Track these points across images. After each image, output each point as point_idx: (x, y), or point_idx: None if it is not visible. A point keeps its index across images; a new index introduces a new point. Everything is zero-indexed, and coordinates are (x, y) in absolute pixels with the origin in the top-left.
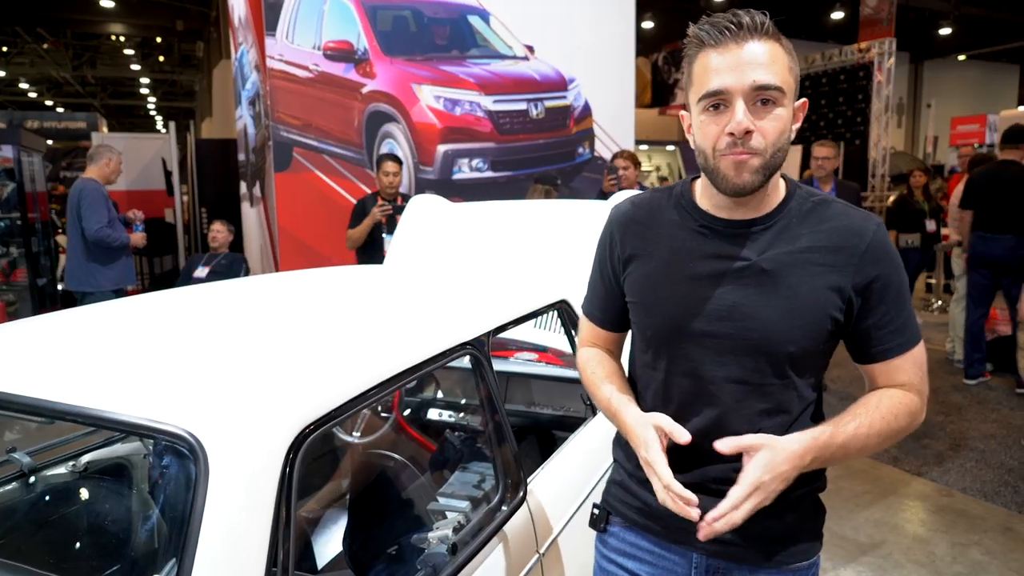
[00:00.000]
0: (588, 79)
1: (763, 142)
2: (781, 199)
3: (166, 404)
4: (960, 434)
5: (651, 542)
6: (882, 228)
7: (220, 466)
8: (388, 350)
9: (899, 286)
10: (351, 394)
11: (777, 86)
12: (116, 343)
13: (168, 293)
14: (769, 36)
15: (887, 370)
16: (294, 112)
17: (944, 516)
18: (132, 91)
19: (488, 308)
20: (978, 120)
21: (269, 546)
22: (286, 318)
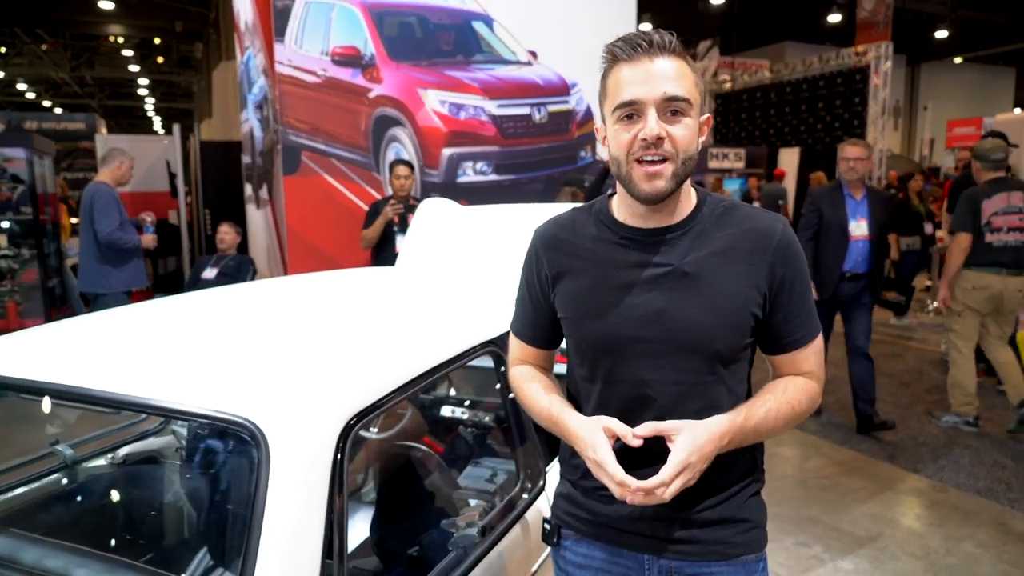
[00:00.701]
0: (590, 83)
1: (673, 148)
2: (694, 206)
3: (229, 395)
4: (954, 432)
5: (603, 550)
6: (788, 228)
7: (280, 452)
8: (422, 346)
9: (803, 282)
10: (393, 386)
11: (685, 97)
12: (170, 339)
13: (207, 293)
14: (676, 54)
15: (793, 360)
16: (303, 116)
17: (939, 511)
18: (130, 92)
19: (506, 308)
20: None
21: (325, 525)
22: (324, 316)
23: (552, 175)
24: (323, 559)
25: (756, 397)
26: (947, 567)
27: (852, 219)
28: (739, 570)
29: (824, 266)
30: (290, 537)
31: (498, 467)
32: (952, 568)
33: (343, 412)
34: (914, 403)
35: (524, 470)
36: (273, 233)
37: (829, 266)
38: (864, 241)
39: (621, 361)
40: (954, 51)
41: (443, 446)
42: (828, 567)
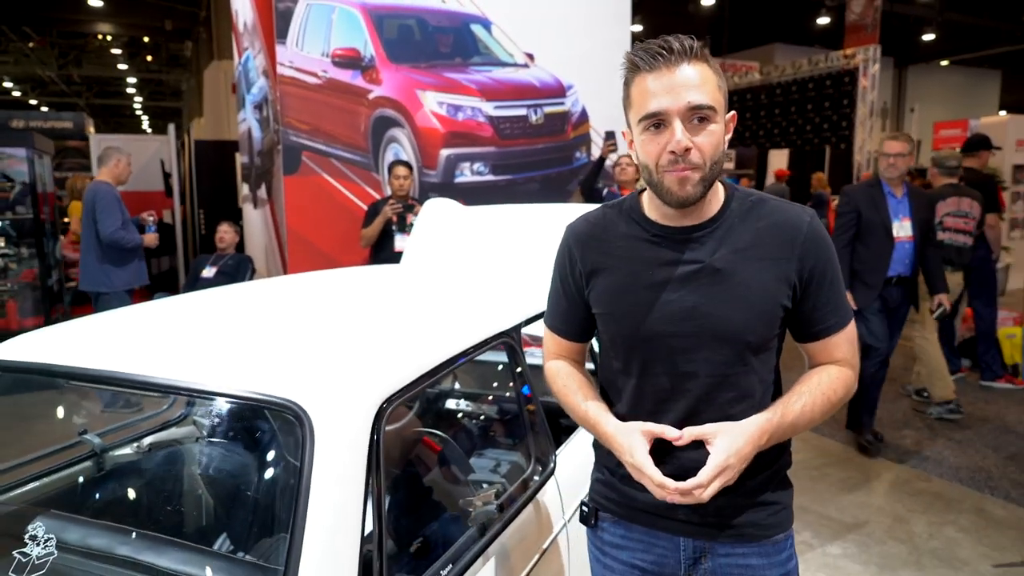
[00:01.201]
0: (585, 85)
1: (701, 157)
2: (722, 203)
3: (274, 379)
4: (938, 425)
5: (640, 532)
6: (815, 219)
7: (323, 431)
8: (443, 336)
9: (833, 271)
10: (422, 371)
11: (709, 105)
12: (210, 329)
13: (236, 288)
14: (698, 59)
15: (826, 347)
16: (303, 117)
17: (922, 498)
18: (118, 91)
19: (517, 303)
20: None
21: (364, 499)
22: (349, 308)
23: (548, 175)
24: (362, 531)
25: (791, 391)
26: (930, 550)
27: (895, 219)
28: (768, 549)
29: (865, 272)
30: (334, 510)
31: (511, 453)
32: (935, 551)
33: (378, 395)
34: (900, 398)
35: (535, 455)
36: (272, 232)
37: (872, 271)
38: (909, 243)
39: (656, 355)
40: (941, 54)
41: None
42: (817, 552)
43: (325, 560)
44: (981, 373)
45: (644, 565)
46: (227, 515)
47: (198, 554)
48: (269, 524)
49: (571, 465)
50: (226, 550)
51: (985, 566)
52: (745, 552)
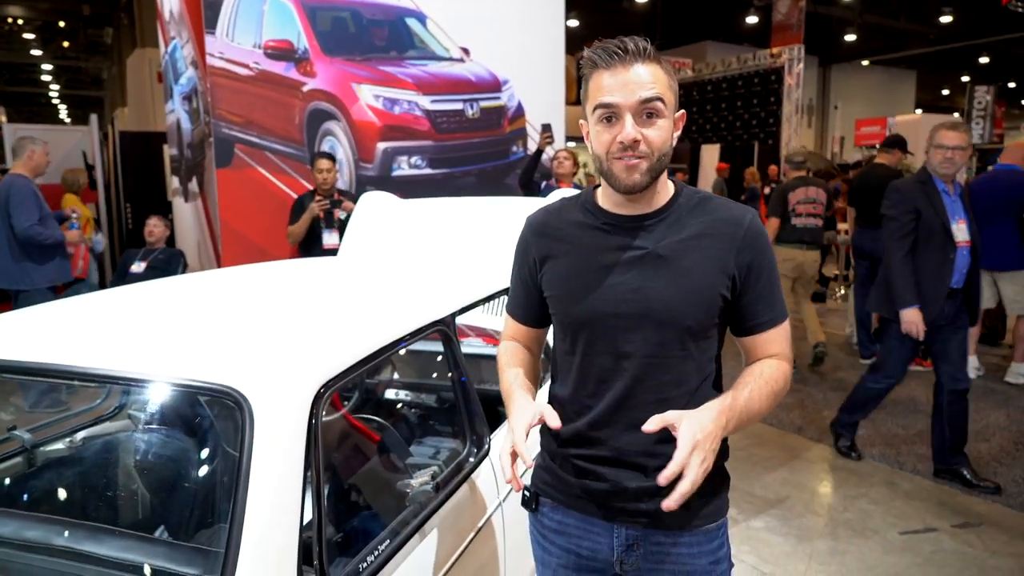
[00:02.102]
0: (521, 80)
1: (649, 148)
2: (670, 196)
3: (214, 366)
4: None
5: (577, 519)
6: (756, 218)
7: (263, 416)
8: (380, 324)
9: (770, 268)
10: (358, 357)
11: (659, 98)
12: (149, 319)
13: (176, 280)
14: (651, 60)
15: (762, 342)
16: (235, 109)
17: (838, 474)
18: (32, 78)
19: (452, 293)
20: (879, 122)
21: (303, 482)
22: (286, 298)
23: (484, 169)
24: (301, 514)
25: (735, 384)
26: (844, 521)
27: (952, 221)
28: (700, 538)
29: (928, 283)
30: (274, 493)
31: (447, 439)
32: (848, 522)
33: (316, 380)
34: (820, 382)
35: (471, 438)
36: (204, 226)
37: (934, 282)
38: (967, 248)
39: (599, 335)
40: (861, 54)
41: (397, 422)
42: (741, 526)
43: (265, 543)
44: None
45: (580, 551)
46: (167, 503)
47: (138, 541)
48: (210, 510)
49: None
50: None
51: (893, 534)
52: (676, 541)
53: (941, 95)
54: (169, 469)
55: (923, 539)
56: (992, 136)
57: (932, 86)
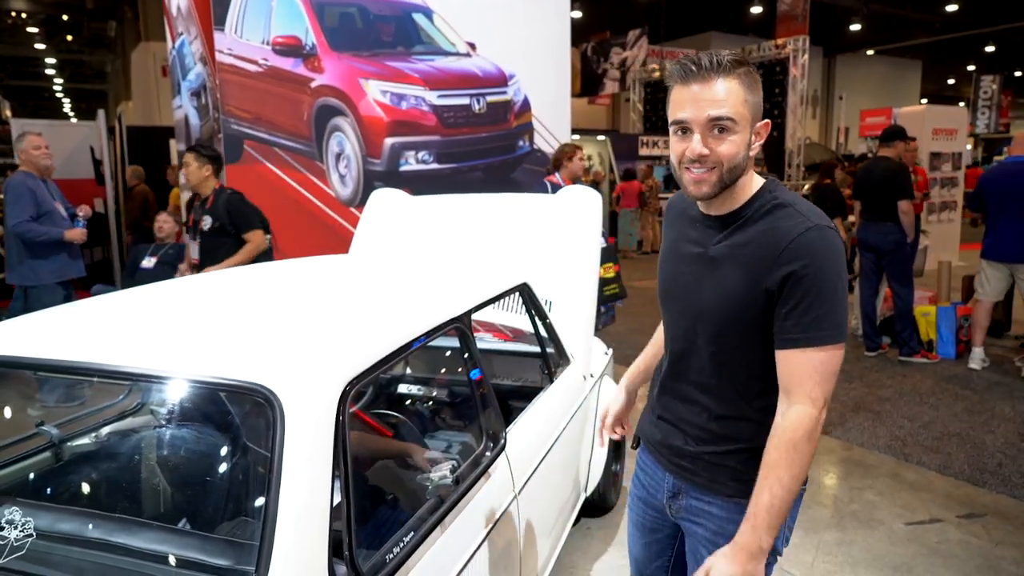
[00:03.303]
0: (526, 74)
1: (718, 161)
2: (744, 202)
3: (244, 363)
4: (860, 398)
5: (650, 460)
6: (812, 231)
7: (292, 413)
8: (401, 321)
9: (812, 283)
10: (383, 354)
11: (730, 117)
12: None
13: (189, 279)
14: (727, 74)
15: (786, 364)
16: (244, 105)
17: (845, 466)
18: (35, 72)
19: (468, 290)
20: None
21: (332, 477)
22: (309, 295)
23: (491, 164)
24: (331, 508)
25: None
26: (850, 512)
27: None
28: (731, 507)
29: None
30: (305, 488)
31: (464, 433)
32: (855, 513)
33: (343, 376)
34: None
35: (487, 432)
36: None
37: None
38: None
39: (668, 315)
40: (867, 44)
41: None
42: None
43: (299, 537)
44: (900, 349)
45: (647, 487)
46: (200, 497)
47: (173, 534)
48: (242, 505)
49: (521, 442)
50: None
51: (898, 525)
52: (711, 502)
53: (947, 85)
54: (202, 465)
55: (929, 530)
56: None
57: (938, 76)
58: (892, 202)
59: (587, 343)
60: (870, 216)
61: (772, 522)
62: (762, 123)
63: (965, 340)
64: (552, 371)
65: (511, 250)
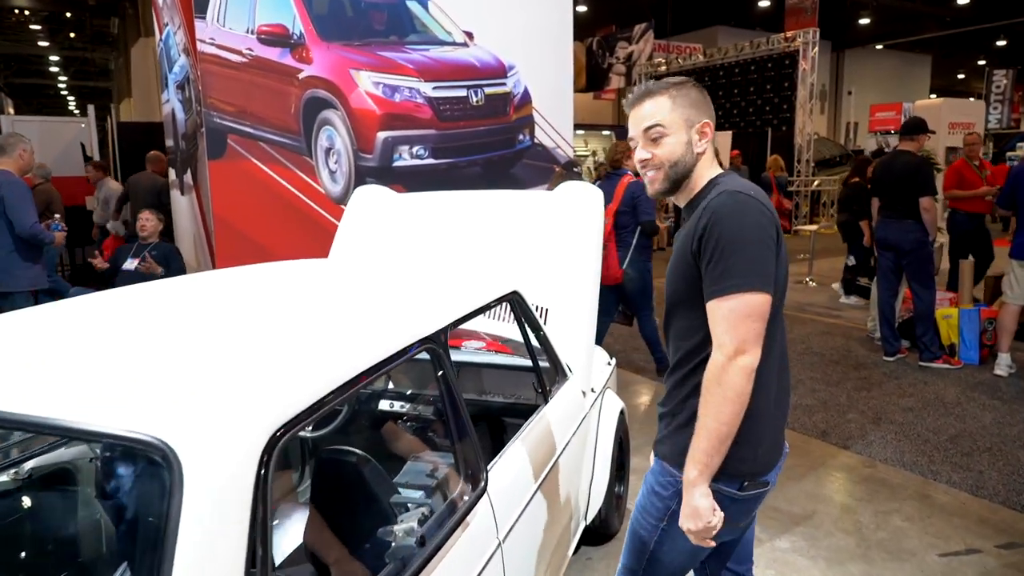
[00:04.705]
0: (527, 66)
1: (659, 161)
2: (697, 192)
3: (137, 410)
4: (881, 408)
5: None
6: (722, 195)
7: (195, 474)
8: (354, 347)
9: (717, 239)
10: (322, 392)
11: (657, 124)
12: (69, 347)
13: (116, 292)
14: (653, 95)
15: (709, 318)
16: (228, 98)
17: (868, 486)
18: (40, 69)
19: (444, 302)
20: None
21: (247, 549)
22: (249, 314)
23: (490, 158)
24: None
25: None
26: (877, 542)
27: None
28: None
29: None
30: (204, 567)
31: (437, 470)
32: (882, 543)
33: (268, 424)
34: (843, 380)
35: (464, 472)
36: (199, 221)
37: None
38: None
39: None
40: (876, 38)
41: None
42: (766, 547)
43: None
44: (920, 354)
45: None
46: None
47: None
48: None
49: (507, 478)
50: None
51: (932, 556)
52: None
53: (957, 79)
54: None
55: (966, 562)
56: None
57: (947, 70)
58: (913, 198)
59: (587, 355)
60: (889, 213)
61: (693, 456)
62: (701, 123)
63: (989, 345)
64: (547, 390)
65: (503, 253)
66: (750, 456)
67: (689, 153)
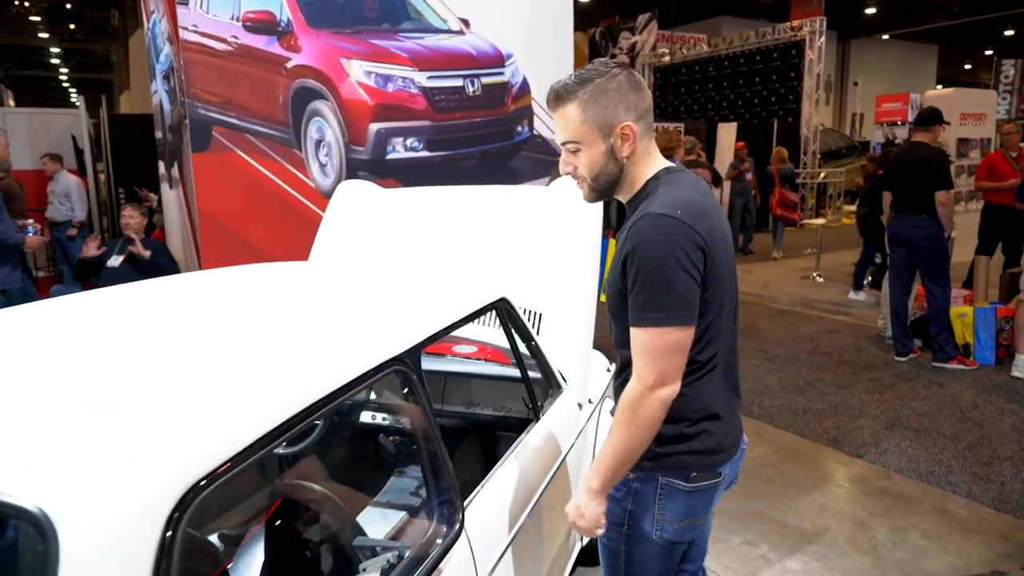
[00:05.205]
0: (525, 54)
1: (581, 174)
2: (633, 194)
3: (7, 469)
4: (894, 412)
5: None
6: (643, 219)
7: (76, 549)
8: (302, 378)
9: (638, 267)
10: (252, 437)
11: (571, 140)
12: None
13: (23, 309)
14: (564, 101)
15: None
16: (212, 88)
17: (883, 499)
18: (41, 61)
19: (419, 315)
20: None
21: None
22: (175, 341)
23: (487, 151)
24: None
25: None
26: (895, 562)
27: None
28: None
29: None
30: None
31: (408, 509)
32: (900, 563)
33: (176, 484)
34: (854, 382)
35: (439, 509)
36: (185, 214)
37: None
38: None
39: None
40: (882, 28)
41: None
42: (776, 568)
43: None
44: (933, 354)
45: None
46: None
47: None
48: None
49: (489, 512)
50: None
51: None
52: None
53: (964, 70)
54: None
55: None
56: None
57: (954, 60)
58: (928, 192)
59: (584, 363)
60: (903, 208)
61: (598, 468)
62: (620, 126)
63: (1005, 344)
64: (538, 405)
65: (493, 253)
66: (699, 449)
67: (612, 161)
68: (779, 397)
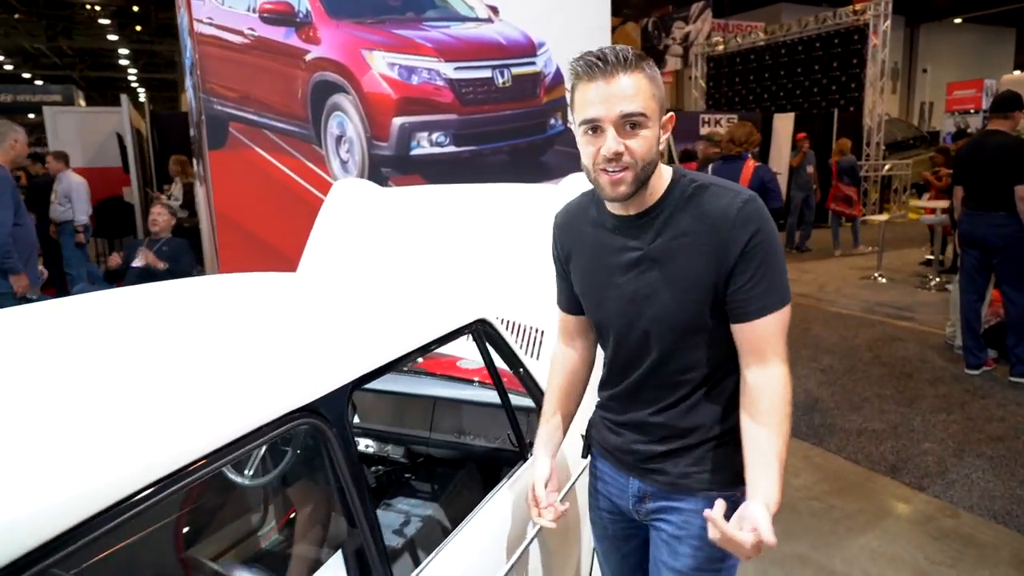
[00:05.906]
0: (559, 42)
1: (632, 159)
2: (662, 193)
3: None
4: (964, 436)
5: (610, 468)
6: (750, 203)
7: None
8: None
9: (765, 252)
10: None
11: (641, 112)
12: None
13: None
14: (633, 69)
15: (752, 332)
16: (229, 83)
17: (950, 544)
18: (111, 63)
19: (353, 348)
20: (975, 85)
21: None
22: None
23: (518, 145)
24: None
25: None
26: None
27: None
28: (697, 502)
29: None
30: None
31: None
32: None
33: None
34: (917, 398)
35: None
36: (207, 214)
37: None
38: None
39: (615, 332)
40: (954, 11)
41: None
42: None
43: None
44: (1010, 368)
45: (611, 496)
46: None
47: None
48: None
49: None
50: None
51: None
52: (680, 498)
53: None
54: None
55: None
56: None
57: None
58: (1007, 186)
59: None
60: (977, 204)
61: (778, 474)
62: (667, 116)
63: None
64: (524, 444)
65: (490, 263)
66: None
67: (657, 151)
68: (831, 415)
